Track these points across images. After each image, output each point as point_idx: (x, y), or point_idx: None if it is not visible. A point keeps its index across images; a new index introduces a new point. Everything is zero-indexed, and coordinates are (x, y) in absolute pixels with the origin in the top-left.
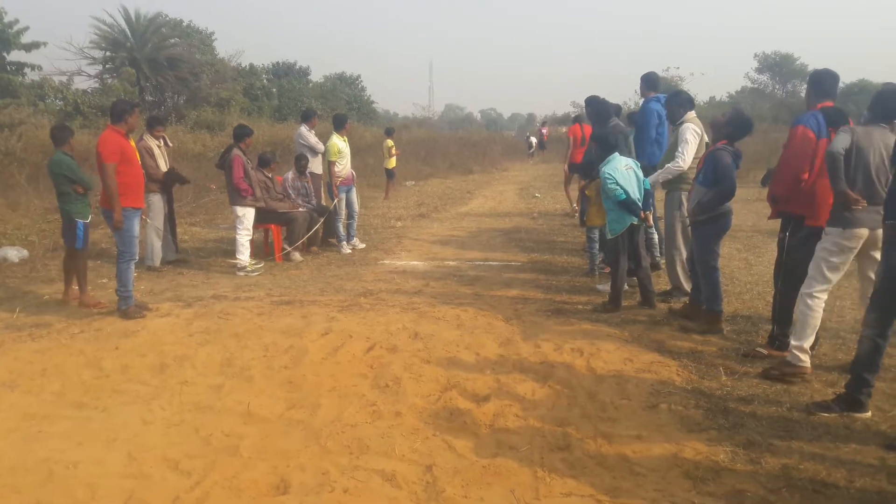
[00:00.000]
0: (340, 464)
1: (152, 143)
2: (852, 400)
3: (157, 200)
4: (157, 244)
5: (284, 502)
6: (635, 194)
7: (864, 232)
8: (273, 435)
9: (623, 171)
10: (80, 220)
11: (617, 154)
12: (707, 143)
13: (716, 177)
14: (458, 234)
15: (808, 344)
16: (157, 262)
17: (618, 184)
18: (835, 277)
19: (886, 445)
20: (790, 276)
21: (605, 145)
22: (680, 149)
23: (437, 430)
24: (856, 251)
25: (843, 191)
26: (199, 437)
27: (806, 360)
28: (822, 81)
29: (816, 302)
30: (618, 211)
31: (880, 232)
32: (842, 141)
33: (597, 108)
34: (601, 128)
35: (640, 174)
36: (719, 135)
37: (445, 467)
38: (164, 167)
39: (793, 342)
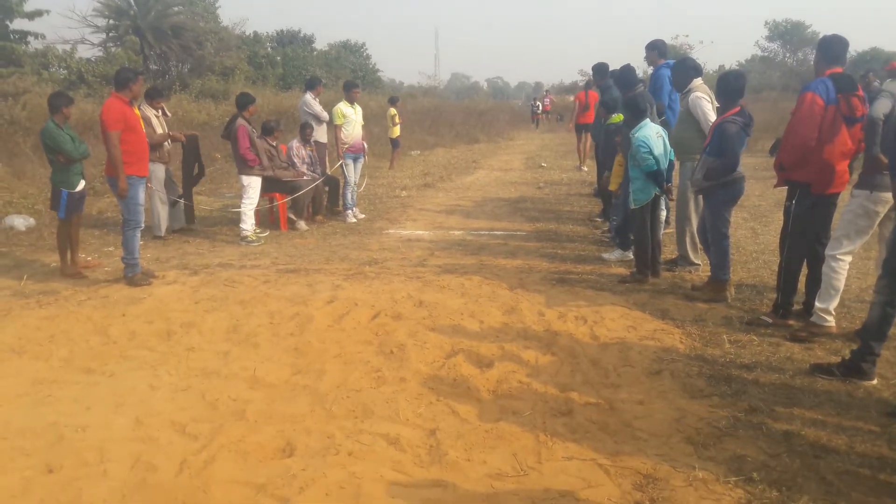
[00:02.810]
0: (345, 428)
1: (149, 112)
2: (854, 367)
3: (158, 169)
4: (162, 213)
5: (290, 465)
6: (663, 165)
7: (891, 197)
8: (279, 400)
9: (655, 138)
10: (63, 189)
11: (648, 120)
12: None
13: (721, 147)
14: (463, 204)
15: (832, 306)
16: (164, 231)
17: (651, 153)
18: (859, 240)
19: (888, 413)
20: (796, 244)
21: (635, 110)
22: (705, 122)
23: (440, 395)
24: (881, 216)
25: (875, 155)
26: (205, 402)
27: (831, 320)
28: (832, 48)
29: (841, 264)
30: (644, 181)
31: None
32: (882, 106)
33: (622, 75)
34: (626, 94)
35: (668, 143)
36: (729, 103)
37: (449, 431)
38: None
39: (818, 304)
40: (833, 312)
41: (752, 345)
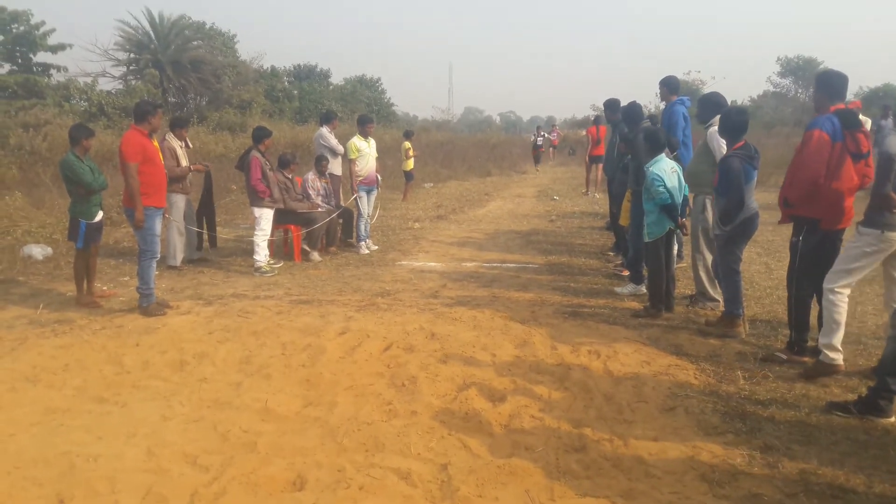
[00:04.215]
0: (356, 461)
1: (175, 143)
2: (871, 404)
3: (179, 200)
4: (178, 243)
5: (300, 499)
6: (677, 199)
7: None
8: (290, 432)
9: (669, 173)
10: (82, 219)
11: (664, 155)
12: None
13: (727, 183)
14: (475, 236)
15: (837, 340)
16: (179, 262)
17: (665, 187)
18: (858, 275)
19: None
20: (805, 280)
21: (654, 144)
22: (720, 157)
23: (452, 429)
24: (887, 254)
25: (887, 194)
26: (217, 434)
27: (838, 357)
28: (833, 83)
29: (840, 297)
30: (658, 214)
31: None
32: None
33: (628, 112)
34: (633, 129)
35: (682, 178)
36: (732, 140)
37: (460, 466)
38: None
39: (821, 340)
40: (839, 348)
41: (766, 381)
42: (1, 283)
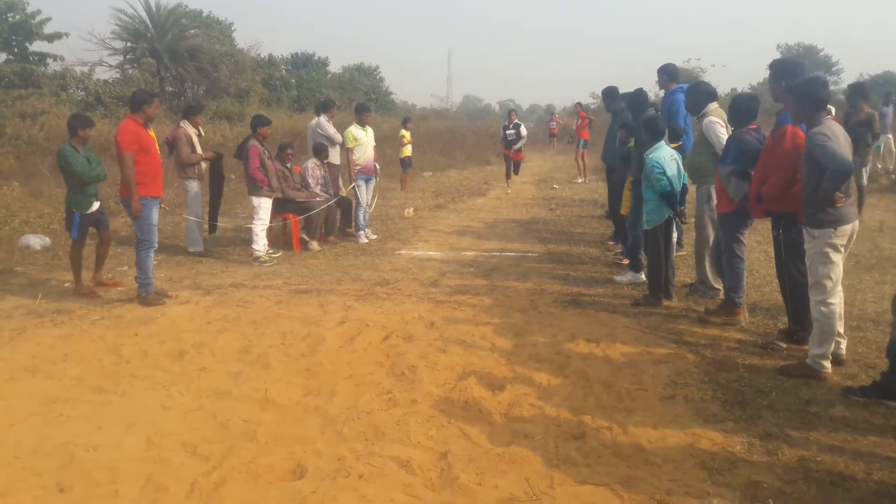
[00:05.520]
0: (356, 450)
1: (191, 130)
2: (886, 389)
3: (193, 185)
4: (196, 228)
5: (300, 487)
6: (677, 187)
7: (850, 226)
8: (290, 421)
9: (669, 160)
10: (76, 210)
11: (663, 142)
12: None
13: (743, 155)
14: (474, 225)
15: (828, 350)
16: (201, 247)
17: (665, 174)
18: (839, 275)
19: None
20: (797, 270)
21: (653, 131)
22: (718, 146)
23: (452, 417)
24: (844, 244)
25: (832, 196)
26: (217, 423)
27: (828, 365)
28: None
29: (832, 308)
30: (657, 202)
31: (857, 224)
32: (838, 151)
33: (634, 99)
34: (637, 117)
35: (682, 166)
36: (740, 122)
37: (460, 454)
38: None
39: (814, 350)
40: (830, 356)
41: (766, 369)
42: None
